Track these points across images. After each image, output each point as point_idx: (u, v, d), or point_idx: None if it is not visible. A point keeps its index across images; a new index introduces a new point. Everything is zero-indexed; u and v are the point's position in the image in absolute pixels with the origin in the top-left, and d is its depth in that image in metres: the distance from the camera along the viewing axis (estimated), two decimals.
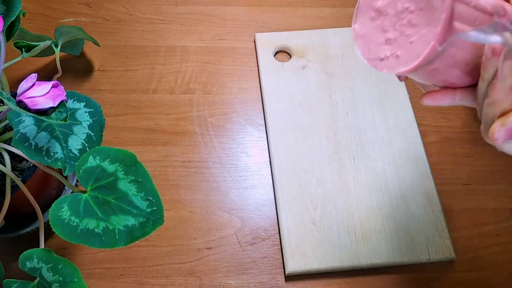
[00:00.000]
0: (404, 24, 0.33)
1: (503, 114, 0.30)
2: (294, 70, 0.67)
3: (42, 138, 0.41)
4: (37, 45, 0.48)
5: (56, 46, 0.57)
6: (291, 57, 0.69)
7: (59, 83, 0.37)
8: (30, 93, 0.36)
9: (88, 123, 0.44)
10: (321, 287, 0.54)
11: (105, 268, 0.53)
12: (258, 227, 0.57)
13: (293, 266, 0.53)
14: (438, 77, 0.34)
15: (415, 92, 0.66)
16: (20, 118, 0.41)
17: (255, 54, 0.70)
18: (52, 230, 0.37)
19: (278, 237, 0.56)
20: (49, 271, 0.40)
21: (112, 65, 0.67)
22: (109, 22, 0.72)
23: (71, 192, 0.52)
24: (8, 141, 0.46)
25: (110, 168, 0.39)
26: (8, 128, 0.48)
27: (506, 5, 0.31)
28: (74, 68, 0.67)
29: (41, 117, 0.37)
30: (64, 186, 0.56)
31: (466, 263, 0.55)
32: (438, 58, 0.31)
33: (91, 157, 0.39)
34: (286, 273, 0.53)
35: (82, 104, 0.45)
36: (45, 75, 0.66)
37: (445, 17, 0.30)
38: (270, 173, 0.60)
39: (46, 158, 0.41)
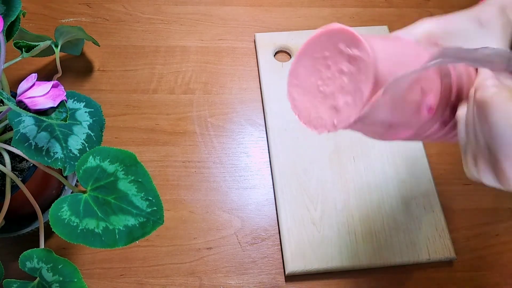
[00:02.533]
0: (336, 86, 0.32)
1: None
2: None
3: (42, 138, 0.41)
4: (37, 45, 0.48)
5: (56, 46, 0.57)
6: (291, 57, 0.69)
7: (59, 83, 0.37)
8: (30, 93, 0.36)
9: (88, 123, 0.44)
10: (321, 287, 0.54)
11: (105, 268, 0.53)
12: (258, 227, 0.57)
13: (293, 266, 0.53)
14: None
15: None
16: (20, 118, 0.41)
17: (255, 54, 0.70)
18: (52, 230, 0.37)
19: (278, 237, 0.56)
20: (49, 271, 0.40)
21: (112, 65, 0.67)
22: (109, 22, 0.72)
23: (71, 192, 0.52)
24: (8, 141, 0.46)
25: (110, 168, 0.39)
26: (8, 128, 0.48)
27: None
28: (74, 68, 0.67)
29: (41, 117, 0.36)
30: (64, 186, 0.56)
31: (466, 263, 0.56)
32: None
33: (91, 157, 0.39)
34: (286, 273, 0.53)
35: (82, 104, 0.45)
36: (45, 75, 0.66)
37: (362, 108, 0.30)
38: (270, 173, 0.60)
39: (46, 158, 0.41)
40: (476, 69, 0.34)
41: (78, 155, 0.42)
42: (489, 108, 0.26)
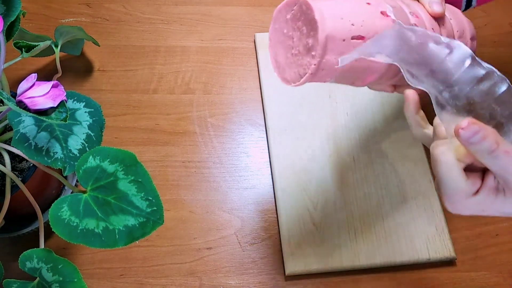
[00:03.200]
0: (300, 46, 0.37)
1: None
2: None
3: (42, 138, 0.41)
4: (37, 45, 0.48)
5: (56, 46, 0.57)
6: None
7: (59, 83, 0.37)
8: (30, 93, 0.36)
9: (88, 123, 0.44)
10: (321, 287, 0.54)
11: (105, 268, 0.53)
12: (258, 227, 0.57)
13: (293, 266, 0.53)
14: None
15: None
16: (20, 118, 0.41)
17: (255, 54, 0.70)
18: (52, 230, 0.37)
19: (278, 237, 0.56)
20: (49, 271, 0.40)
21: (112, 65, 0.67)
22: (109, 22, 0.72)
23: (71, 192, 0.52)
24: (8, 141, 0.46)
25: (110, 168, 0.39)
26: (8, 128, 0.48)
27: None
28: (74, 68, 0.67)
29: (41, 117, 0.37)
30: (64, 186, 0.56)
31: (466, 263, 0.56)
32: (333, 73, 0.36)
33: (91, 157, 0.39)
34: (286, 273, 0.53)
35: (82, 104, 0.45)
36: (45, 75, 0.66)
37: (316, 65, 0.35)
38: (270, 173, 0.60)
39: (46, 158, 0.41)
40: None
41: (78, 155, 0.42)
42: (438, 162, 0.34)
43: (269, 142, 0.61)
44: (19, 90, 0.37)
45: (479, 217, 0.58)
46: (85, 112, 0.44)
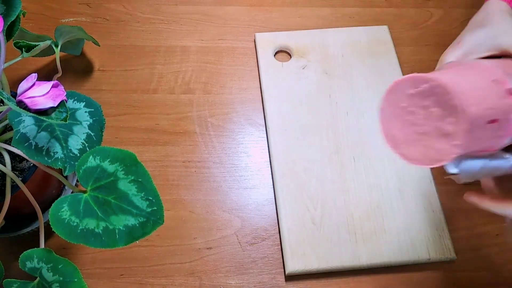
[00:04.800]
0: (430, 119, 0.35)
1: None
2: (294, 70, 0.67)
3: (42, 138, 0.41)
4: (37, 45, 0.48)
5: (56, 46, 0.57)
6: (291, 57, 0.69)
7: (59, 83, 0.37)
8: (30, 93, 0.36)
9: (88, 123, 0.44)
10: (321, 287, 0.54)
11: (105, 268, 0.53)
12: (258, 227, 0.57)
13: (293, 266, 0.53)
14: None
15: None
16: (20, 118, 0.41)
17: (255, 54, 0.70)
18: (52, 230, 0.37)
19: (278, 237, 0.56)
20: (49, 271, 0.40)
21: (112, 65, 0.67)
22: (109, 22, 0.72)
23: (71, 192, 0.52)
24: (8, 141, 0.46)
25: (110, 168, 0.39)
26: (8, 128, 0.48)
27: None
28: (74, 68, 0.67)
29: (41, 117, 0.36)
30: (64, 186, 0.56)
31: (466, 263, 0.56)
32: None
33: (91, 157, 0.39)
34: (286, 273, 0.53)
35: (82, 104, 0.45)
36: (45, 75, 0.66)
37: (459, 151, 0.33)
38: (270, 173, 0.60)
39: (46, 158, 0.41)
40: None
41: (78, 155, 0.42)
42: None
43: (269, 142, 0.61)
44: (19, 90, 0.37)
45: (479, 217, 0.58)
46: (85, 112, 0.44)
